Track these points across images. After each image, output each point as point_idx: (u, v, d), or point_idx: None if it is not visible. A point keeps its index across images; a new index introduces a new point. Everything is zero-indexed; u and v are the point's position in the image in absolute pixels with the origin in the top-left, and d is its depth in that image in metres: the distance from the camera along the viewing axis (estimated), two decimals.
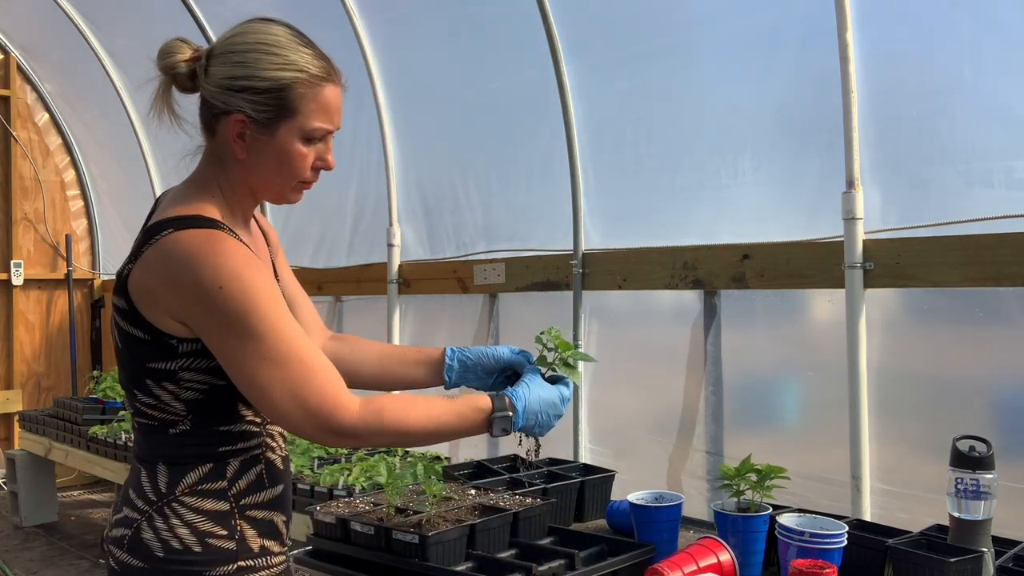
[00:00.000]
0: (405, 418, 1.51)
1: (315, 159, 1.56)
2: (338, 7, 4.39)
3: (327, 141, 1.57)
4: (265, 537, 1.58)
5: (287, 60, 1.50)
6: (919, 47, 2.76)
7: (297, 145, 1.52)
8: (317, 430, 1.45)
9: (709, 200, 3.30)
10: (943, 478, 1.90)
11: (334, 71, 1.55)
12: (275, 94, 1.49)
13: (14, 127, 6.74)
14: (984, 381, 2.66)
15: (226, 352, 1.44)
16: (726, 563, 1.89)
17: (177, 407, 1.51)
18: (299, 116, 1.51)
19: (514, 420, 1.58)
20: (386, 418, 1.49)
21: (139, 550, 1.50)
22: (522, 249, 3.99)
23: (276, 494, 1.61)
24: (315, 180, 1.61)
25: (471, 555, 1.96)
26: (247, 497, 1.56)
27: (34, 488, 5.85)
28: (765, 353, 3.21)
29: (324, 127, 1.53)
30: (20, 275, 6.74)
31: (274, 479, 1.61)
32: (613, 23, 3.53)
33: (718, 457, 3.26)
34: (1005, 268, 2.53)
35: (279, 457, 1.64)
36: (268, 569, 1.58)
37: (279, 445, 1.66)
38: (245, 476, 1.57)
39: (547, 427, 1.64)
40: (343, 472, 3.39)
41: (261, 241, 1.73)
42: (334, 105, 1.54)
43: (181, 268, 1.42)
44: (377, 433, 1.49)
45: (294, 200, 1.62)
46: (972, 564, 1.79)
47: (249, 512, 1.56)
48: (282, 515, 1.63)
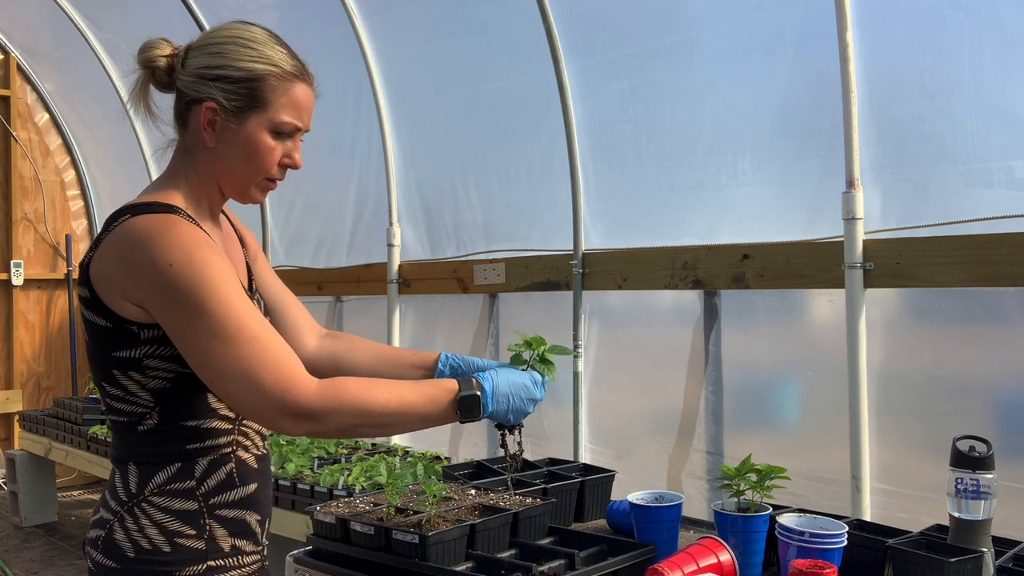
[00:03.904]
0: (367, 395, 1.46)
1: (282, 156, 1.57)
2: (338, 7, 4.39)
3: (295, 139, 1.59)
4: (237, 536, 1.57)
5: (262, 54, 1.56)
6: (919, 47, 2.76)
7: (265, 137, 1.55)
8: (272, 411, 1.41)
9: (709, 200, 3.30)
10: (943, 478, 1.90)
11: (306, 72, 1.61)
12: (247, 84, 1.53)
13: (14, 127, 6.75)
14: (984, 381, 2.66)
15: (178, 332, 1.43)
16: (726, 563, 1.89)
17: (144, 398, 1.50)
18: (269, 108, 1.54)
19: (482, 401, 1.53)
20: (345, 395, 1.44)
21: (112, 551, 1.51)
22: (522, 249, 3.99)
23: (248, 493, 1.60)
24: (281, 178, 1.61)
25: (471, 555, 1.96)
26: (216, 496, 1.56)
27: (34, 488, 5.85)
28: (765, 353, 3.21)
29: (293, 122, 1.56)
30: (20, 275, 6.74)
31: (246, 478, 1.60)
32: (613, 23, 3.53)
33: (718, 457, 3.26)
34: (1005, 268, 2.53)
35: (254, 456, 1.63)
36: (240, 568, 1.58)
37: (255, 444, 1.64)
38: (214, 475, 1.56)
39: (521, 412, 1.60)
40: (343, 472, 3.39)
41: (234, 241, 1.73)
42: (304, 103, 1.59)
43: (135, 250, 1.43)
44: (337, 412, 1.43)
45: (258, 199, 1.62)
46: (972, 564, 1.79)
47: (219, 511, 1.56)
48: (256, 514, 1.62)
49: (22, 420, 5.99)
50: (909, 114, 2.77)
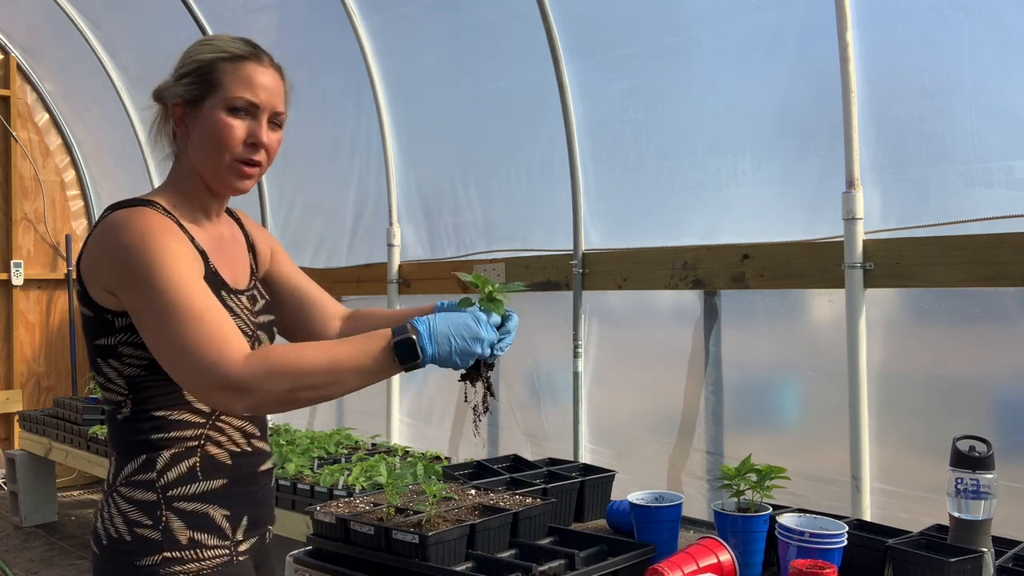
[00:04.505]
0: (296, 356, 1.44)
1: (247, 135, 1.61)
2: (338, 7, 4.39)
3: (259, 118, 1.63)
4: (197, 530, 1.59)
5: (214, 47, 1.65)
6: (919, 47, 2.76)
7: (221, 115, 1.61)
8: (207, 386, 1.43)
9: (709, 200, 3.29)
10: (943, 478, 1.90)
11: (261, 53, 1.66)
12: (200, 73, 1.63)
13: (14, 127, 6.75)
14: (984, 381, 2.66)
15: (135, 313, 1.49)
16: (726, 563, 1.89)
17: (120, 385, 1.58)
18: (221, 89, 1.61)
19: (419, 344, 1.45)
20: (273, 360, 1.42)
21: (95, 537, 1.62)
22: (522, 249, 3.99)
23: (214, 488, 1.62)
24: (255, 159, 1.64)
25: (471, 555, 1.96)
26: (175, 489, 1.59)
27: (34, 488, 5.85)
28: (765, 353, 3.21)
29: (244, 96, 1.61)
30: (20, 275, 6.74)
31: (212, 473, 1.62)
32: (613, 23, 3.53)
33: (718, 457, 3.26)
34: (1005, 268, 2.52)
35: (228, 452, 1.65)
36: (199, 562, 1.59)
37: (232, 440, 1.66)
38: (175, 468, 1.59)
39: (467, 353, 1.49)
40: (343, 472, 3.39)
41: (236, 243, 1.78)
42: (256, 79, 1.62)
43: (104, 239, 1.53)
44: (267, 378, 1.41)
45: (239, 186, 1.65)
46: (972, 564, 1.79)
47: (177, 504, 1.59)
48: (224, 510, 1.63)
49: (22, 420, 5.99)
50: (909, 114, 2.77)
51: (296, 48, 4.68)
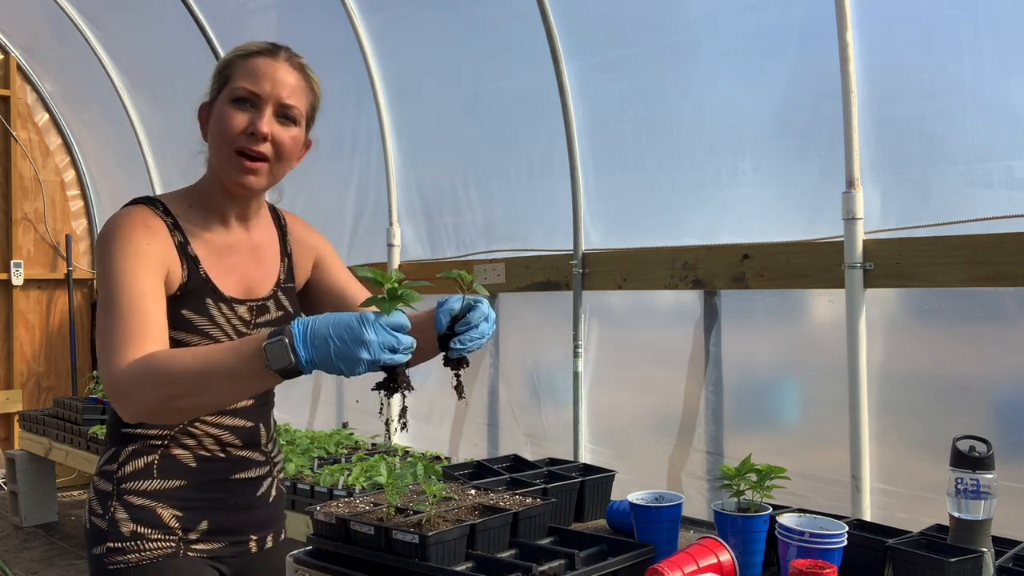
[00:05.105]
0: (169, 361, 1.38)
1: (247, 124, 1.59)
2: (338, 7, 4.39)
3: (260, 108, 1.60)
4: (140, 523, 1.60)
5: (237, 48, 1.67)
6: (919, 47, 2.76)
7: (225, 107, 1.60)
8: (105, 388, 1.42)
9: (709, 200, 3.29)
10: (943, 478, 1.90)
11: (278, 50, 1.66)
12: (221, 72, 1.65)
13: (14, 127, 6.74)
14: (984, 381, 2.66)
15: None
16: (726, 563, 1.89)
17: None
18: (230, 82, 1.62)
19: (293, 347, 1.31)
20: (149, 364, 1.37)
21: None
22: (522, 249, 3.99)
23: (169, 488, 1.62)
24: (256, 151, 1.60)
25: (471, 555, 1.96)
26: (129, 482, 1.61)
27: (34, 488, 5.85)
28: (765, 353, 3.21)
29: (247, 87, 1.59)
30: (20, 275, 6.74)
31: (170, 473, 1.62)
32: (613, 23, 3.53)
33: (718, 457, 3.26)
34: (1005, 268, 2.52)
35: (195, 455, 1.64)
36: (139, 552, 1.60)
37: (202, 445, 1.65)
38: (133, 462, 1.62)
39: (351, 359, 1.31)
40: (343, 472, 3.39)
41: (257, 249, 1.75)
42: (262, 70, 1.61)
43: (98, 235, 1.61)
44: (141, 381, 1.36)
45: (241, 179, 1.61)
46: (972, 564, 1.79)
47: (127, 497, 1.60)
48: (175, 511, 1.62)
49: (22, 420, 5.98)
50: (909, 114, 2.77)
51: (296, 48, 4.66)
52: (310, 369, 1.33)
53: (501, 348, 4.12)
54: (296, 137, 1.67)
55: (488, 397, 4.15)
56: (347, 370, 1.33)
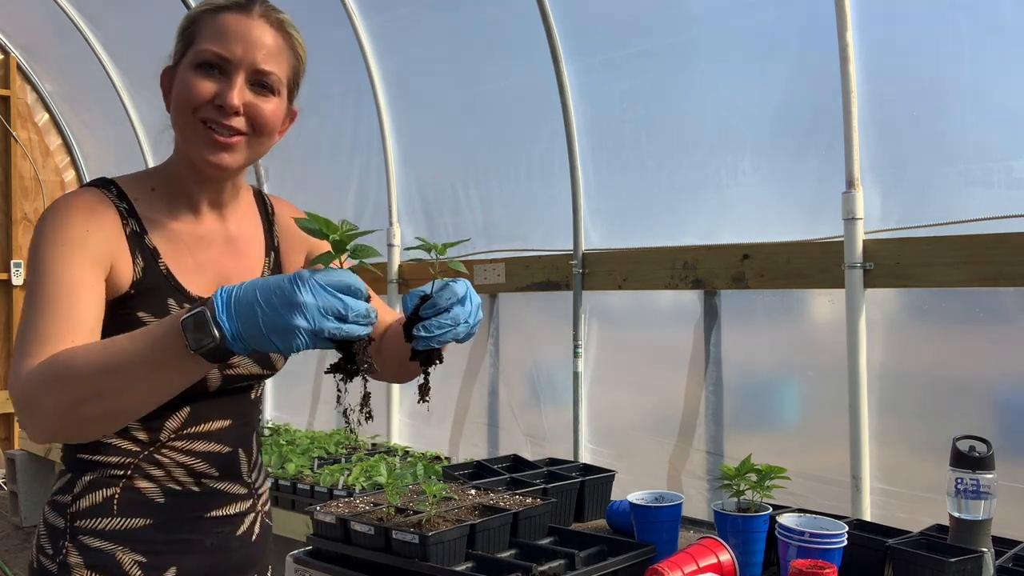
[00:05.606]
0: (72, 356, 1.14)
1: (214, 94, 1.33)
2: (338, 7, 4.39)
3: (230, 75, 1.34)
4: (95, 571, 1.35)
5: (205, 3, 1.41)
6: (919, 47, 2.76)
7: (189, 73, 1.35)
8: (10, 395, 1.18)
9: (709, 200, 3.29)
10: (943, 478, 1.90)
11: (252, 4, 1.38)
12: (186, 31, 1.40)
13: (14, 127, 6.75)
14: (984, 381, 2.66)
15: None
16: (726, 563, 1.89)
17: None
18: (195, 43, 1.37)
19: (214, 318, 1.06)
20: (52, 364, 1.14)
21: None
22: (522, 249, 3.99)
23: (130, 528, 1.37)
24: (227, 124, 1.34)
25: (471, 555, 1.96)
26: (84, 520, 1.36)
27: (34, 488, 5.85)
28: (765, 353, 3.21)
29: (213, 49, 1.33)
30: (20, 275, 6.74)
31: (133, 511, 1.37)
32: (613, 23, 3.53)
33: (718, 457, 3.26)
34: (1005, 268, 2.52)
35: (163, 489, 1.39)
36: None
37: (171, 476, 1.40)
38: (89, 496, 1.37)
39: (281, 328, 1.04)
40: (343, 472, 3.39)
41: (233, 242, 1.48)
42: (231, 28, 1.35)
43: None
44: (44, 387, 1.13)
45: (209, 156, 1.34)
46: (972, 564, 1.79)
47: (82, 537, 1.36)
48: (138, 555, 1.37)
49: None
50: (909, 114, 2.77)
51: None
52: (240, 347, 1.07)
53: (501, 348, 4.12)
54: (276, 109, 1.39)
55: (488, 397, 4.15)
56: (282, 345, 1.05)
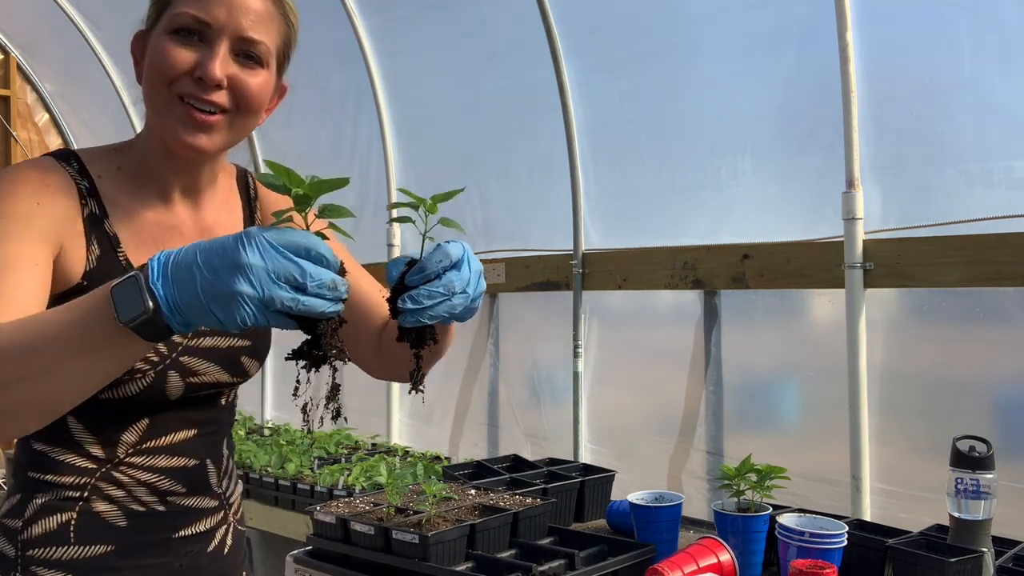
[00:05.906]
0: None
1: (193, 65, 1.18)
2: (338, 7, 4.39)
3: (212, 43, 1.18)
4: None
5: None
6: (919, 47, 2.76)
7: (164, 39, 1.19)
8: None
9: (709, 200, 3.30)
10: (943, 478, 1.90)
11: None
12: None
13: (14, 127, 6.75)
14: (985, 381, 2.66)
15: None
16: (726, 563, 1.89)
17: None
18: (171, 5, 1.21)
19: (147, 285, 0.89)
20: None
21: None
22: (522, 249, 3.99)
23: (89, 556, 1.23)
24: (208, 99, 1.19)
25: (471, 555, 1.96)
26: (37, 548, 1.22)
27: None
28: (765, 353, 3.21)
29: (192, 12, 1.18)
30: None
31: (92, 536, 1.24)
32: (613, 23, 3.54)
33: (718, 457, 3.26)
34: (1005, 268, 2.52)
35: (125, 512, 1.26)
36: None
37: (132, 496, 1.26)
38: (42, 521, 1.23)
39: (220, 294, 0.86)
40: (343, 472, 3.39)
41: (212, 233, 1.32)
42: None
43: None
44: None
45: (186, 138, 1.20)
46: (972, 564, 1.79)
47: (35, 568, 1.22)
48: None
49: None
50: (909, 114, 2.77)
51: (296, 48, 4.68)
52: (179, 321, 0.90)
53: (501, 348, 4.12)
54: (264, 84, 1.23)
55: (488, 397, 4.15)
56: (224, 316, 0.87)
